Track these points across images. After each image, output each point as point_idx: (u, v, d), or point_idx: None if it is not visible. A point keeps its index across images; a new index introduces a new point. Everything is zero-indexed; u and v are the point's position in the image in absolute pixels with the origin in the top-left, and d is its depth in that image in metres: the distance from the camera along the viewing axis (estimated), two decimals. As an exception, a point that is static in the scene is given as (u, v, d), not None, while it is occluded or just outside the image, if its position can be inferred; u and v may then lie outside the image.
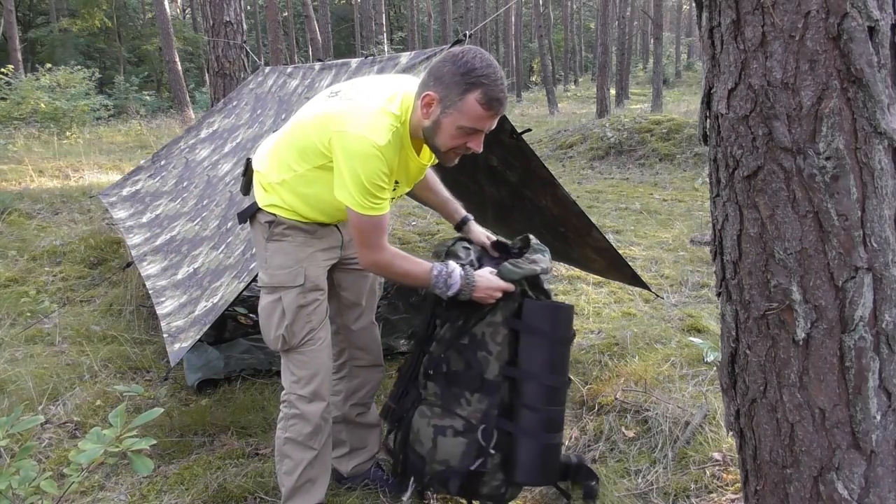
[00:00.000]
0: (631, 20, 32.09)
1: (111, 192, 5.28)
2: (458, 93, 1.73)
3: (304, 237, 2.02)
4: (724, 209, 1.24)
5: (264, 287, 2.04)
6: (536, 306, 2.00)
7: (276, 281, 2.00)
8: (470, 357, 1.99)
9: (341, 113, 1.82)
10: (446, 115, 1.76)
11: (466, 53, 1.75)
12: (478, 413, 1.98)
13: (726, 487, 2.27)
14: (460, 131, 1.78)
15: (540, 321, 1.99)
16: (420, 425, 2.04)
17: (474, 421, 1.99)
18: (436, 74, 1.77)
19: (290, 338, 2.01)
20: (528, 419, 1.96)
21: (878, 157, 1.08)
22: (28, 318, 3.98)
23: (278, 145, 2.02)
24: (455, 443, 1.99)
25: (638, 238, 5.78)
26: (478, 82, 1.72)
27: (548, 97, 20.40)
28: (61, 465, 2.46)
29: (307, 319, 2.02)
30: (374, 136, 1.76)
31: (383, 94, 1.86)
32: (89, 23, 24.37)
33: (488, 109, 1.74)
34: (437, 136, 1.81)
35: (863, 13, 1.03)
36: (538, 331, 1.98)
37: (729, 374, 1.32)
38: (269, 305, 2.03)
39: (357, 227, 1.85)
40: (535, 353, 1.98)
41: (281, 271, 2.00)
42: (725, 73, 1.16)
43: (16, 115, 12.39)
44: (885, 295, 1.12)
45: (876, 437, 1.16)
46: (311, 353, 2.04)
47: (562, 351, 2.02)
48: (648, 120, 10.78)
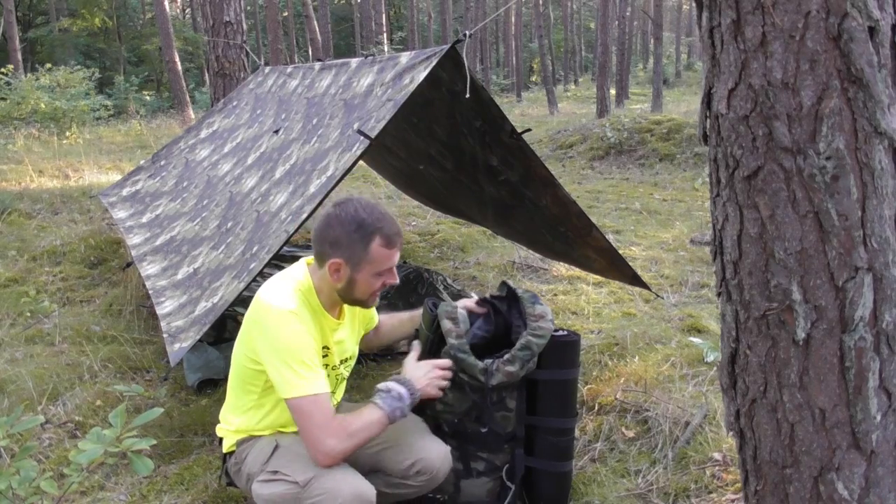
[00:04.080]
0: (631, 20, 32.09)
1: (111, 192, 5.28)
2: (360, 249, 1.81)
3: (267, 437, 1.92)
4: (724, 209, 1.24)
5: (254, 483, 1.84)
6: (553, 348, 2.05)
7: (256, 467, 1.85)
8: (488, 422, 2.05)
9: (251, 314, 1.86)
10: (358, 270, 1.83)
11: (347, 209, 1.82)
12: (501, 455, 2.10)
13: (726, 487, 2.27)
14: (376, 277, 1.86)
15: (558, 365, 2.08)
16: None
17: (498, 462, 2.10)
18: (330, 241, 1.83)
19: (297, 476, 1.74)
20: (547, 453, 2.11)
21: (879, 157, 1.08)
22: (28, 318, 3.98)
23: (230, 393, 1.99)
24: (479, 483, 2.09)
25: (638, 238, 5.78)
26: (373, 230, 1.81)
27: (548, 97, 20.39)
28: (61, 465, 2.45)
29: (305, 460, 1.78)
30: (281, 302, 1.79)
31: (281, 279, 1.91)
32: (89, 23, 24.37)
33: (392, 247, 1.84)
34: (356, 291, 1.87)
35: (863, 13, 1.03)
36: (557, 377, 2.10)
37: (729, 374, 1.32)
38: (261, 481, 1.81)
39: (303, 415, 1.73)
40: (553, 401, 2.11)
41: (255, 458, 1.87)
42: (725, 73, 1.16)
43: (16, 115, 12.39)
44: (885, 295, 1.12)
45: (876, 437, 1.15)
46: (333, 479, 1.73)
47: (574, 387, 2.17)
48: (648, 120, 10.78)
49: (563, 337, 2.11)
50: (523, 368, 2.01)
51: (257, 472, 1.84)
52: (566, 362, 2.12)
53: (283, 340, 1.75)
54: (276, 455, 1.85)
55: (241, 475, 1.92)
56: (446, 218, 6.05)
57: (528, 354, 2.01)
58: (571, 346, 2.12)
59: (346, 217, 1.81)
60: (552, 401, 2.11)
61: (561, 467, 2.15)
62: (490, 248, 5.44)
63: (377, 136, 2.68)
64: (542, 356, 2.06)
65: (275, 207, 3.03)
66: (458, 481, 2.09)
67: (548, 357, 2.07)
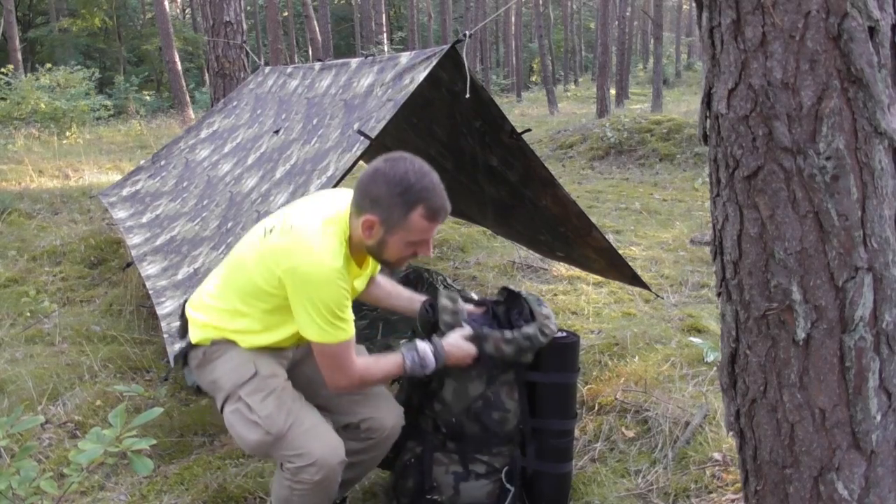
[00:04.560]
0: (631, 20, 32.10)
1: (111, 192, 5.28)
2: (400, 213, 1.69)
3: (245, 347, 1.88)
4: (724, 209, 1.24)
5: (224, 403, 1.84)
6: (553, 351, 2.05)
7: (229, 385, 1.82)
8: (486, 421, 2.05)
9: (286, 248, 1.72)
10: (392, 234, 1.73)
11: (398, 168, 1.69)
12: (500, 457, 2.09)
13: (726, 487, 2.27)
14: (409, 245, 1.76)
15: (558, 368, 2.08)
16: (436, 474, 2.09)
17: (497, 465, 2.09)
18: (371, 196, 1.71)
19: (270, 426, 1.76)
20: (546, 454, 2.10)
21: (879, 157, 1.08)
22: (28, 318, 3.97)
23: (221, 290, 1.91)
24: (479, 486, 2.08)
25: (638, 238, 5.78)
26: (418, 198, 1.69)
27: (548, 97, 20.39)
28: (61, 465, 2.45)
29: (279, 402, 1.80)
30: (330, 259, 1.70)
31: (322, 217, 1.78)
32: (89, 23, 24.35)
33: (434, 220, 1.73)
34: (385, 253, 1.79)
35: (863, 13, 1.03)
36: (556, 380, 2.08)
37: (729, 374, 1.32)
38: (233, 411, 1.81)
39: (327, 356, 1.77)
40: (553, 402, 2.10)
41: (231, 373, 1.83)
42: (725, 73, 1.16)
43: (16, 115, 12.38)
44: (885, 295, 1.12)
45: (876, 437, 1.16)
46: (304, 435, 1.78)
47: (575, 390, 2.17)
48: (648, 120, 10.77)
49: (563, 339, 2.10)
50: (516, 354, 1.98)
51: (229, 390, 1.82)
52: (567, 365, 2.11)
53: (324, 297, 1.69)
54: (252, 383, 1.81)
55: (206, 375, 1.89)
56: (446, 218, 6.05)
57: (527, 345, 1.99)
58: (571, 348, 2.11)
59: (394, 176, 1.68)
60: (552, 402, 2.10)
61: (560, 468, 2.14)
62: (490, 248, 5.45)
63: (377, 136, 2.68)
64: (542, 358, 2.05)
65: (275, 208, 3.02)
66: (457, 484, 2.09)
67: (548, 359, 2.06)
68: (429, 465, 2.11)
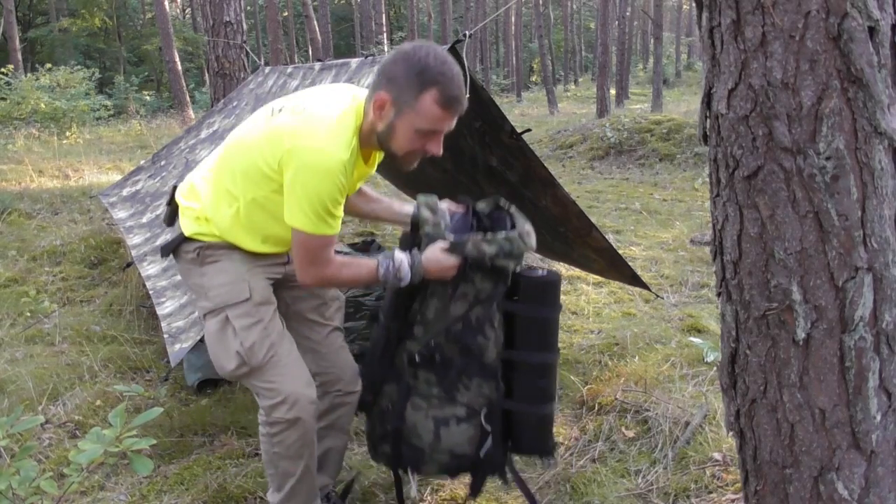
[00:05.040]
0: (631, 20, 32.10)
1: (111, 192, 5.28)
2: (412, 94, 1.62)
3: (241, 254, 1.84)
4: (724, 209, 1.24)
5: (208, 313, 1.84)
6: (533, 285, 1.94)
7: (218, 300, 1.81)
8: (468, 343, 1.91)
9: (294, 127, 1.65)
10: (401, 117, 1.64)
11: (419, 51, 1.63)
12: (479, 398, 1.95)
13: (726, 487, 2.27)
14: (418, 134, 1.66)
15: (537, 300, 1.95)
16: (416, 419, 1.96)
17: (476, 406, 1.95)
18: (388, 75, 1.64)
19: (250, 357, 1.78)
20: (527, 395, 1.96)
21: (879, 157, 1.08)
22: (28, 318, 3.98)
23: (214, 171, 1.85)
24: (459, 431, 1.95)
25: (638, 238, 5.78)
26: (434, 80, 1.60)
27: (548, 97, 20.40)
28: (61, 465, 2.45)
29: (264, 334, 1.81)
30: (337, 149, 1.62)
31: (337, 104, 1.71)
32: (89, 23, 24.38)
33: (446, 109, 1.64)
34: (393, 141, 1.69)
35: (863, 13, 1.03)
36: (536, 312, 1.95)
37: (729, 374, 1.32)
38: (216, 328, 1.81)
39: (305, 247, 1.71)
40: (533, 335, 1.96)
41: (222, 289, 1.81)
42: (725, 73, 1.16)
43: (16, 115, 12.39)
44: (885, 295, 1.12)
45: (876, 437, 1.16)
46: (280, 371, 1.81)
47: (555, 325, 2.02)
48: (648, 120, 10.78)
49: (544, 276, 1.97)
50: (497, 257, 1.84)
51: (216, 305, 1.80)
52: (547, 300, 1.97)
53: (320, 188, 1.62)
54: (243, 307, 1.80)
55: (194, 275, 1.86)
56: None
57: (508, 247, 1.84)
58: (552, 285, 1.97)
59: (414, 58, 1.62)
60: (531, 335, 1.96)
61: (541, 409, 1.99)
62: (490, 248, 5.44)
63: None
64: (522, 292, 1.94)
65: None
66: (437, 429, 1.95)
67: (527, 293, 1.94)
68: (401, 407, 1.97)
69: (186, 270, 1.90)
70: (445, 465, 1.98)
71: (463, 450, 1.95)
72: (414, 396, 1.97)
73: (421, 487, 2.33)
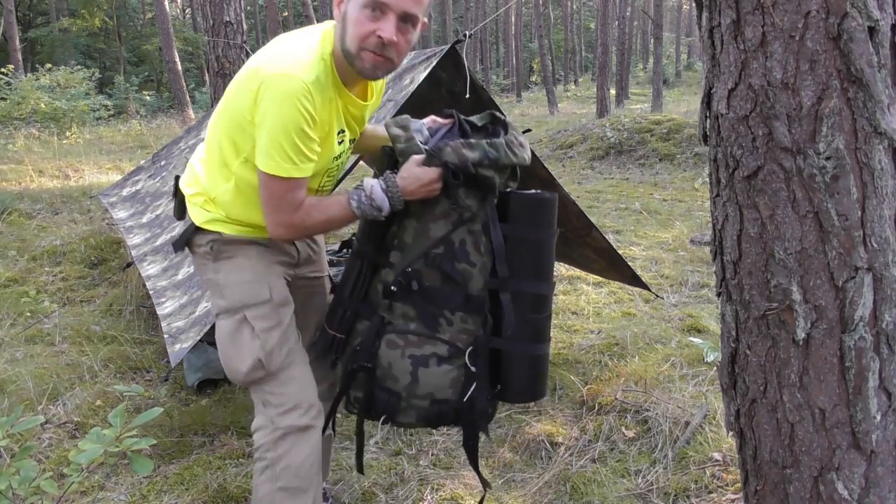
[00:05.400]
0: (631, 20, 32.11)
1: (111, 192, 5.28)
2: None
3: (258, 249, 1.74)
4: (724, 209, 1.24)
5: (223, 313, 1.72)
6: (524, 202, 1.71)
7: (237, 300, 1.70)
8: (449, 269, 1.67)
9: (262, 63, 1.54)
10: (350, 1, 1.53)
11: None
12: (463, 335, 1.71)
13: (726, 487, 2.27)
14: (364, 13, 1.51)
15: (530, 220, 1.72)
16: (391, 358, 1.70)
17: (460, 344, 1.71)
18: None
19: (268, 362, 1.68)
20: (517, 331, 1.70)
21: (878, 157, 1.08)
22: (28, 318, 3.98)
23: (206, 148, 1.76)
24: (441, 372, 1.69)
25: (638, 238, 5.78)
26: None
27: (548, 97, 20.40)
28: (61, 465, 2.45)
29: (283, 338, 1.71)
30: (298, 70, 1.50)
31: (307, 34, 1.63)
32: (89, 23, 24.38)
33: None
34: (348, 36, 1.53)
35: (863, 13, 1.03)
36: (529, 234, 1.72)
37: (729, 374, 1.32)
38: (233, 329, 1.70)
39: (269, 190, 1.57)
40: (524, 261, 1.71)
41: (240, 287, 1.70)
42: (725, 73, 1.16)
43: (16, 115, 12.40)
44: (885, 295, 1.12)
45: (876, 437, 1.16)
46: (294, 376, 1.72)
47: (550, 251, 1.77)
48: (648, 120, 10.78)
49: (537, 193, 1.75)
50: (482, 165, 1.62)
51: (233, 304, 1.69)
52: (542, 222, 1.74)
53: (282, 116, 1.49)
54: (263, 308, 1.69)
55: (208, 270, 1.75)
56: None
57: (493, 154, 1.63)
58: (546, 203, 1.74)
59: None
60: (523, 260, 1.71)
61: (534, 349, 1.76)
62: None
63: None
64: (512, 211, 1.71)
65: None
66: (415, 370, 1.69)
67: (519, 212, 1.71)
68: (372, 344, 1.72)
69: (201, 265, 1.80)
70: (425, 413, 1.72)
71: (444, 394, 1.70)
72: (389, 333, 1.72)
73: (421, 486, 2.33)
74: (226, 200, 1.70)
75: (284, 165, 1.53)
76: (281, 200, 1.58)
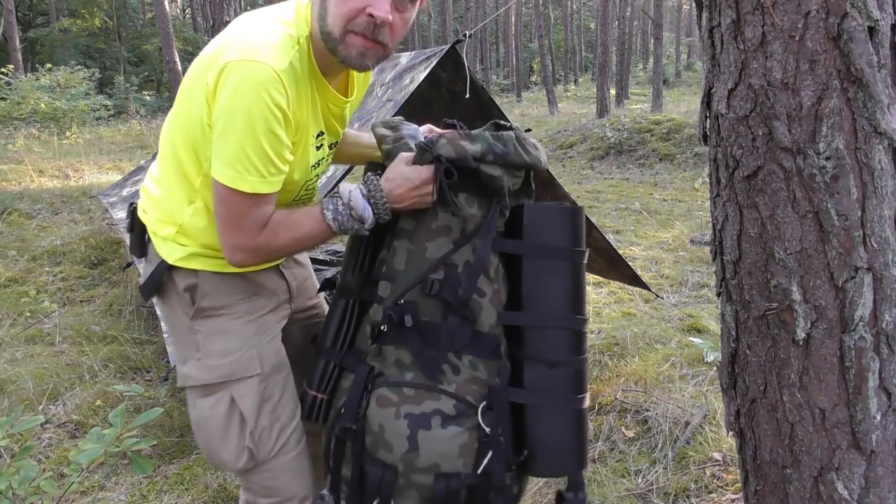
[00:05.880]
0: (631, 20, 32.12)
1: (111, 192, 5.28)
2: None
3: (245, 301, 1.40)
4: (724, 209, 1.24)
5: (199, 387, 1.38)
6: (544, 211, 1.36)
7: (218, 375, 1.36)
8: (451, 299, 1.31)
9: (219, 49, 1.22)
10: None
11: None
12: (474, 385, 1.32)
13: (726, 487, 2.27)
14: None
15: (551, 234, 1.36)
16: (383, 419, 1.31)
17: (471, 398, 1.32)
18: None
19: (258, 451, 1.39)
20: (547, 380, 1.33)
21: (878, 157, 1.08)
22: (28, 318, 3.98)
23: (163, 160, 1.40)
24: (446, 436, 1.29)
25: (638, 238, 5.78)
26: None
27: (548, 97, 20.41)
28: (61, 465, 2.46)
29: (275, 416, 1.41)
30: (266, 56, 1.18)
31: (274, 16, 1.30)
32: (89, 23, 24.38)
33: None
34: (329, 14, 1.23)
35: (863, 13, 1.03)
36: (551, 251, 1.35)
37: (729, 374, 1.32)
38: (215, 411, 1.37)
39: (226, 205, 1.24)
40: (550, 285, 1.35)
41: (225, 360, 1.36)
42: (725, 73, 1.16)
43: (16, 115, 12.40)
44: (885, 295, 1.12)
45: (876, 437, 1.15)
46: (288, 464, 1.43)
47: (582, 274, 1.40)
48: (648, 120, 10.79)
49: (559, 204, 1.41)
50: (486, 160, 1.31)
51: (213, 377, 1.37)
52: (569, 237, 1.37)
53: (245, 111, 1.17)
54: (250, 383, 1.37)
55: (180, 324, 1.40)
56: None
57: (500, 148, 1.32)
58: (571, 215, 1.39)
59: None
60: (549, 287, 1.34)
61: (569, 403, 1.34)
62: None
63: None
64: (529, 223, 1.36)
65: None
66: (414, 433, 1.28)
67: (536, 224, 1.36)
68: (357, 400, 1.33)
69: (171, 314, 1.43)
70: (429, 494, 1.29)
71: (453, 466, 1.29)
72: (380, 387, 1.33)
73: None
74: (195, 227, 1.36)
75: (249, 178, 1.20)
76: (242, 219, 1.25)
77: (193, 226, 1.36)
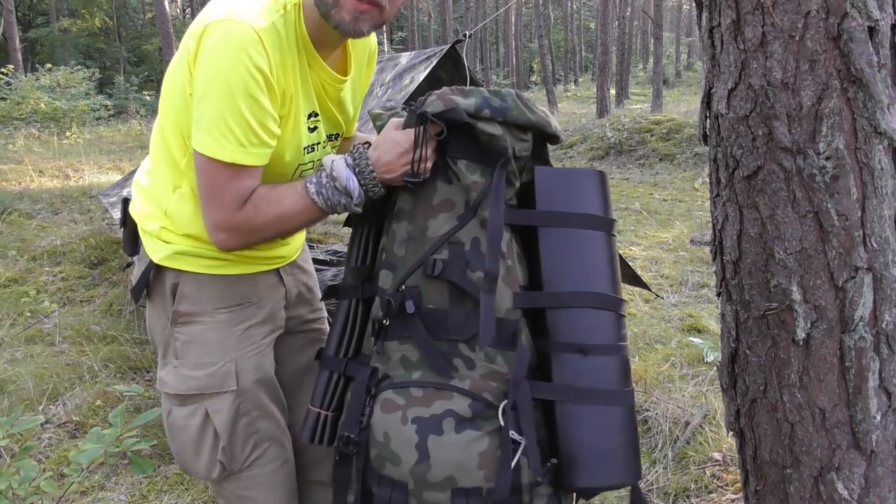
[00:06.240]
0: (631, 20, 32.13)
1: (111, 192, 5.28)
2: None
3: (226, 311, 1.32)
4: (724, 209, 1.24)
5: (172, 396, 1.32)
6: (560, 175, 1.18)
7: (192, 387, 1.29)
8: (459, 281, 1.14)
9: (201, 17, 1.17)
10: None
11: None
12: (492, 380, 1.13)
13: (726, 487, 2.27)
14: None
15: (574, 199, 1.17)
16: (389, 426, 1.13)
17: (489, 395, 1.11)
18: None
19: (230, 462, 1.32)
20: (585, 371, 1.12)
21: (878, 157, 1.08)
22: (28, 318, 3.98)
23: (154, 143, 1.37)
24: (462, 441, 1.09)
25: (638, 238, 5.79)
26: None
27: (548, 97, 20.41)
28: (61, 465, 2.46)
29: (250, 431, 1.33)
30: (246, 16, 1.11)
31: None
32: (89, 23, 24.38)
33: None
34: None
35: (863, 13, 1.03)
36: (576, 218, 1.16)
37: (729, 374, 1.32)
38: (189, 423, 1.31)
39: (206, 178, 1.17)
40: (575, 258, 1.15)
41: (200, 372, 1.29)
42: (725, 73, 1.16)
43: (16, 115, 12.41)
44: (885, 295, 1.12)
45: (876, 437, 1.15)
46: (261, 478, 1.35)
47: (613, 246, 1.22)
48: (648, 120, 10.79)
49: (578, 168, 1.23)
50: (481, 115, 1.13)
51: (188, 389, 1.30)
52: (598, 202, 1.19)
53: (226, 73, 1.10)
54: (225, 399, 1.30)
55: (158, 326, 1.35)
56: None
57: (498, 103, 1.14)
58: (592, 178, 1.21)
59: None
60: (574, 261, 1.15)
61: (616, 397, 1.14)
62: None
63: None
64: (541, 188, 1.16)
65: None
66: (423, 440, 1.09)
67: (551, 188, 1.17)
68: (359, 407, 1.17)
69: (154, 315, 1.37)
70: None
71: (472, 479, 1.08)
72: (384, 390, 1.16)
73: None
74: (180, 213, 1.29)
75: (227, 147, 1.12)
76: (222, 193, 1.17)
77: (179, 213, 1.29)
